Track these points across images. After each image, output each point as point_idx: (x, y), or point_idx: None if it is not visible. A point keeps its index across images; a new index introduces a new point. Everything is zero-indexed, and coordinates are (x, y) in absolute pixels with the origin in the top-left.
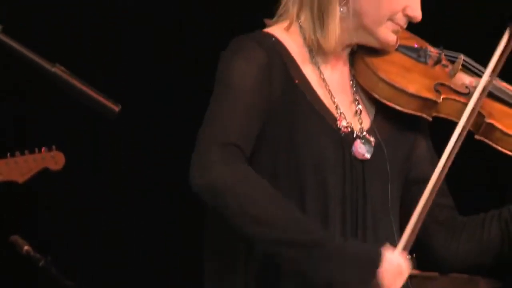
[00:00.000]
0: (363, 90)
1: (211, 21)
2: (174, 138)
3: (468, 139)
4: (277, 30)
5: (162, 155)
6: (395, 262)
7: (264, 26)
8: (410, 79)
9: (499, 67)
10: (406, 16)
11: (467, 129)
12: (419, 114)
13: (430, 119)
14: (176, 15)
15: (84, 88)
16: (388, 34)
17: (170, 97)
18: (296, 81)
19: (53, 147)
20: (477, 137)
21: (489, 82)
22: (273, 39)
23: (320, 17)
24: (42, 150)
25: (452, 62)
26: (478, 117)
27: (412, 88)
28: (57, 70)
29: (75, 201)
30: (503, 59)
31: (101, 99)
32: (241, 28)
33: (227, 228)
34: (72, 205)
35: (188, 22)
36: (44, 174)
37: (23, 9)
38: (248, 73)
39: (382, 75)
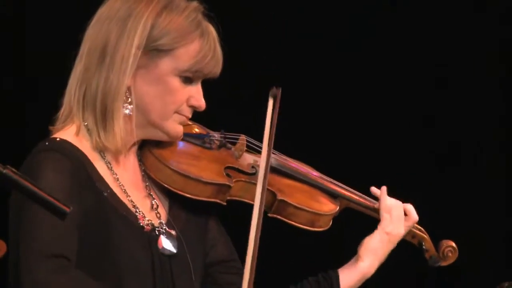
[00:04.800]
0: (155, 184)
1: None
2: None
3: None
4: (68, 135)
5: None
6: None
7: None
8: (201, 167)
9: (272, 138)
10: (191, 106)
11: (263, 208)
12: (213, 200)
13: (225, 203)
14: None
15: (35, 189)
16: (175, 126)
17: None
18: (98, 185)
19: None
20: (270, 215)
21: (269, 157)
22: (70, 145)
23: (104, 119)
24: None
25: (234, 143)
26: (269, 196)
27: (205, 176)
28: (8, 171)
29: None
30: (274, 128)
31: (52, 199)
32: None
33: None
34: None
35: None
36: None
37: None
38: (58, 185)
39: (174, 166)
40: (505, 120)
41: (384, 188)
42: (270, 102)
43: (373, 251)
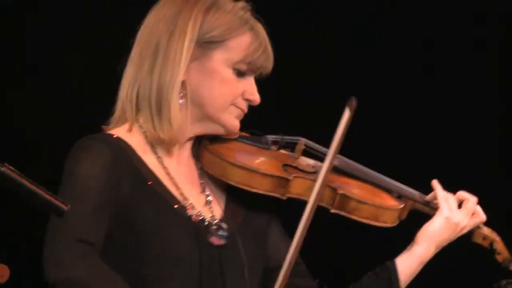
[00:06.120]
0: (212, 180)
1: None
2: None
3: None
4: (119, 131)
5: None
6: None
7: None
8: (259, 162)
9: (342, 142)
10: (246, 100)
11: (316, 205)
12: (273, 194)
13: (285, 198)
14: None
15: (33, 187)
16: (232, 119)
17: None
18: (144, 176)
19: None
20: (332, 211)
21: (334, 157)
22: (117, 138)
23: (159, 110)
24: None
25: (293, 146)
26: (330, 192)
27: (263, 168)
28: (6, 169)
29: None
30: (344, 135)
31: (50, 198)
32: None
33: None
34: None
35: None
36: None
37: None
38: (95, 174)
39: (231, 159)
40: (504, 120)
41: (435, 181)
42: (346, 113)
43: (430, 235)
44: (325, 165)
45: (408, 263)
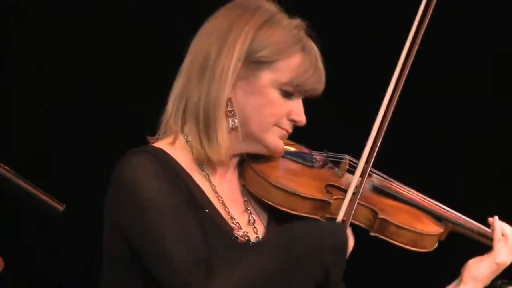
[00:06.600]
0: (254, 198)
1: None
2: None
3: None
4: (163, 145)
5: None
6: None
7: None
8: (301, 183)
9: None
10: (291, 120)
11: (348, 222)
12: (312, 216)
13: (324, 220)
14: None
15: (28, 187)
16: (275, 139)
17: None
18: (194, 193)
19: None
20: (372, 233)
21: (366, 170)
22: (162, 151)
23: (207, 130)
24: None
25: (338, 163)
26: (371, 215)
27: (304, 191)
28: (1, 169)
29: None
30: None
31: (45, 198)
32: None
33: None
34: None
35: None
36: None
37: None
38: (164, 188)
39: (273, 181)
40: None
41: (496, 217)
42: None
43: (477, 278)
44: (353, 182)
45: None
